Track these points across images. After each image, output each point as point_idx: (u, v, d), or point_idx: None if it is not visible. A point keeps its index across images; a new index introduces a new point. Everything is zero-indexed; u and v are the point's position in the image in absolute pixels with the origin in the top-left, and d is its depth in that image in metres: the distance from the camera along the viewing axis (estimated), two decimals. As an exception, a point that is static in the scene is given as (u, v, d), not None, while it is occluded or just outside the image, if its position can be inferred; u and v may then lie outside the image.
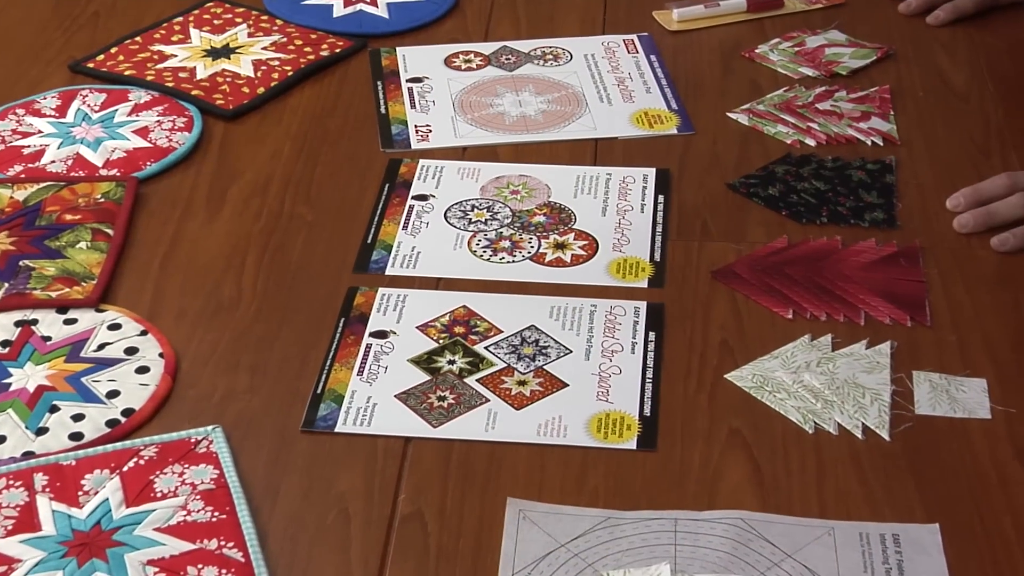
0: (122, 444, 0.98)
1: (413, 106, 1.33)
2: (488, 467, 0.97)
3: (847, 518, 0.93)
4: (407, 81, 1.37)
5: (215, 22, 1.46)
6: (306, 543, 0.92)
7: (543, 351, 1.06)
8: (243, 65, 1.39)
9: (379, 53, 1.42)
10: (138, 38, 1.44)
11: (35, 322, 1.08)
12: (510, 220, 1.19)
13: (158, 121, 1.31)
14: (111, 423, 1.00)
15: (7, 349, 1.06)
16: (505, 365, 1.05)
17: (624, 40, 1.43)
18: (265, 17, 1.47)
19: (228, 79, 1.37)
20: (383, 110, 1.33)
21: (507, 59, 1.40)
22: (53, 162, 1.26)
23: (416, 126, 1.30)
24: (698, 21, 1.46)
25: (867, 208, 1.20)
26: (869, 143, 1.28)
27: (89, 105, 1.33)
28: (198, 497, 0.94)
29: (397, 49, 1.42)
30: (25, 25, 1.48)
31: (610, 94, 1.34)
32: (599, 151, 1.27)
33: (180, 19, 1.47)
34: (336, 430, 1.00)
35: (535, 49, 1.42)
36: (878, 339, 1.07)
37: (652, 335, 1.07)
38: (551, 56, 1.41)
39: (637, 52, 1.41)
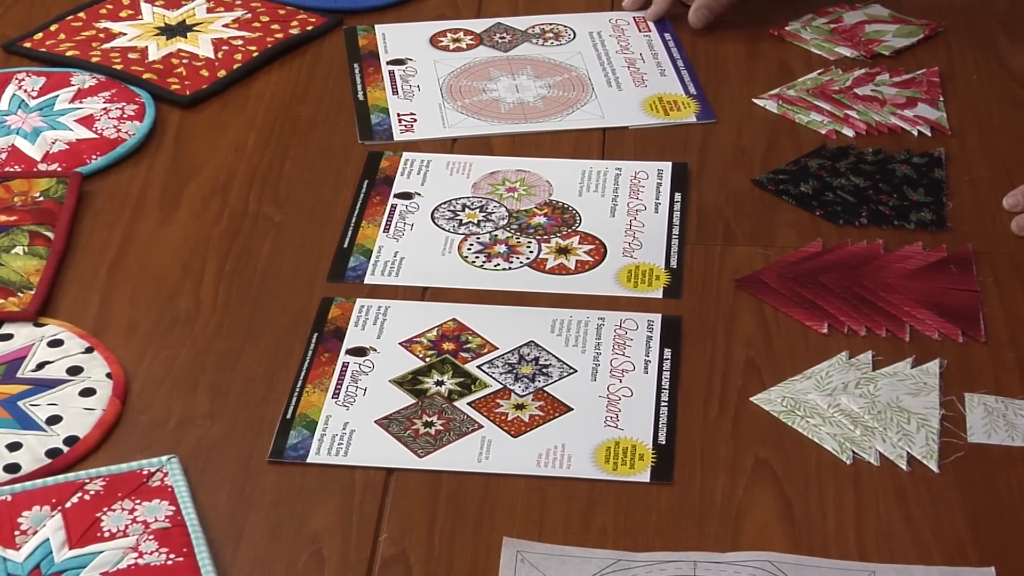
0: (64, 477, 0.99)
1: (395, 92, 1.34)
2: (481, 503, 0.98)
3: (890, 561, 0.94)
4: (388, 63, 1.38)
5: (170, -4, 1.48)
6: (274, 590, 0.93)
7: (544, 371, 1.07)
8: (202, 45, 1.40)
9: (355, 32, 1.43)
10: (81, 14, 1.45)
11: (-35, 338, 1.09)
12: (506, 221, 1.20)
13: (105, 109, 1.32)
14: (52, 453, 1.01)
15: (-67, 369, 1.07)
16: (501, 387, 1.06)
17: (634, 16, 1.44)
18: (227, -10, 1.49)
19: (184, 61, 1.38)
20: (361, 96, 1.34)
21: (501, 38, 1.41)
22: (-15, 155, 1.27)
23: (399, 115, 1.31)
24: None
25: (913, 207, 1.21)
26: (915, 133, 1.29)
27: (26, 90, 1.34)
28: (151, 537, 0.94)
29: (376, 27, 1.43)
30: (-48, -1, 1.49)
31: (619, 77, 1.35)
32: (607, 143, 1.29)
33: (130, -8, 1.48)
34: (308, 460, 1.01)
35: (533, 27, 1.43)
36: (925, 357, 1.08)
37: (668, 352, 1.08)
38: (551, 34, 1.42)
39: (649, 30, 1.42)
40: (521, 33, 1.42)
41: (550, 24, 1.44)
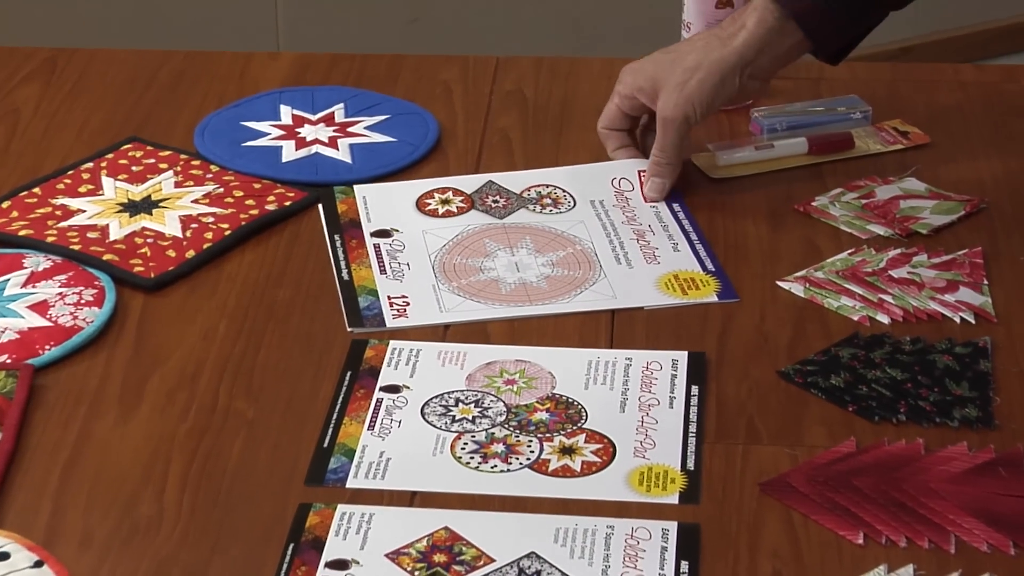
0: None
1: (383, 271, 1.37)
2: None
3: None
4: (372, 235, 1.42)
5: (134, 168, 1.52)
6: None
7: (546, 586, 1.08)
8: (168, 222, 1.44)
9: (333, 195, 1.46)
10: (36, 189, 1.49)
11: (-100, 549, 1.09)
12: (504, 418, 1.23)
13: (60, 294, 1.35)
14: None
15: None
16: (498, 604, 1.07)
17: (639, 172, 1.48)
18: (197, 162, 1.54)
19: (149, 240, 1.42)
20: (346, 275, 1.37)
21: (495, 202, 1.45)
22: (-73, 345, 1.29)
23: (390, 297, 1.34)
24: (746, 167, 1.52)
25: (956, 403, 1.23)
26: (957, 320, 1.32)
27: (-27, 273, 1.37)
28: None
29: (356, 189, 1.47)
30: None
31: (628, 252, 1.39)
32: (616, 328, 1.32)
33: (90, 165, 1.52)
34: None
35: (528, 189, 1.47)
36: (973, 571, 1.09)
37: (685, 565, 1.09)
38: (549, 200, 1.45)
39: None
40: (516, 197, 1.45)
41: (547, 187, 1.47)
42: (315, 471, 1.18)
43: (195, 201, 1.47)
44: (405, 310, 1.32)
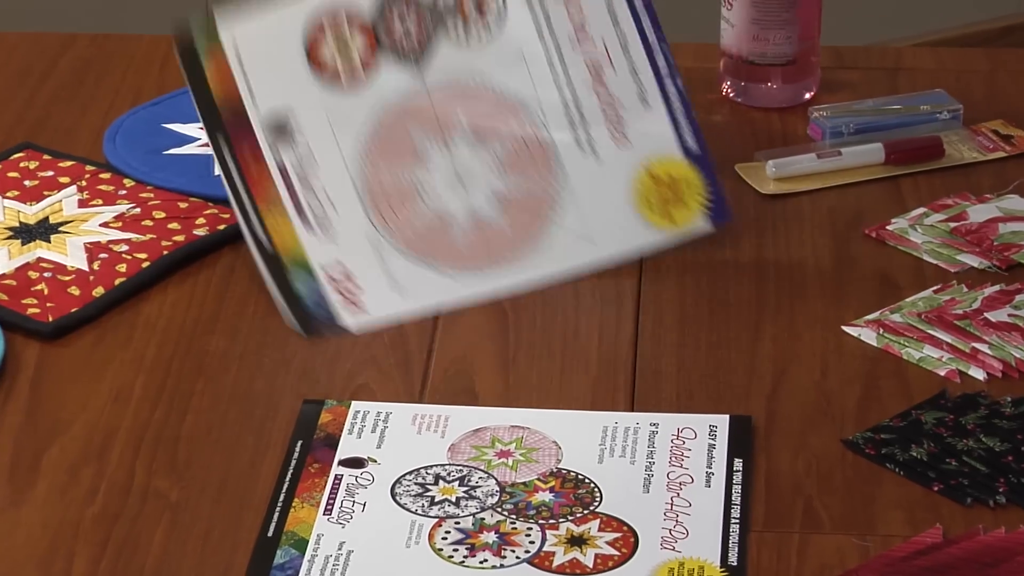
0: None
1: (300, 210, 1.27)
2: None
3: None
4: (265, 133, 1.29)
5: (27, 183, 1.53)
6: None
7: None
8: (71, 252, 1.45)
9: (193, 47, 1.29)
10: (-96, 209, 1.50)
11: None
12: (497, 499, 1.23)
13: (-66, 342, 1.35)
14: None
15: None
16: None
17: None
18: (107, 175, 1.54)
19: (47, 275, 1.42)
20: (260, 232, 1.29)
21: (406, 30, 1.30)
22: None
23: (328, 275, 1.29)
24: (805, 180, 1.53)
25: (1070, 480, 1.24)
26: (1071, 375, 1.33)
27: None
28: None
29: (220, 30, 1.28)
30: None
31: (587, 118, 1.30)
32: (638, 384, 1.33)
33: (-30, 179, 1.53)
34: None
35: None
36: None
37: None
38: (472, 4, 1.30)
39: None
40: (429, 8, 1.30)
41: None
42: (257, 567, 1.18)
43: (104, 225, 1.48)
44: (356, 297, 1.29)
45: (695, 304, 1.42)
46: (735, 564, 1.18)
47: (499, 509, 1.22)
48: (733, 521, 1.21)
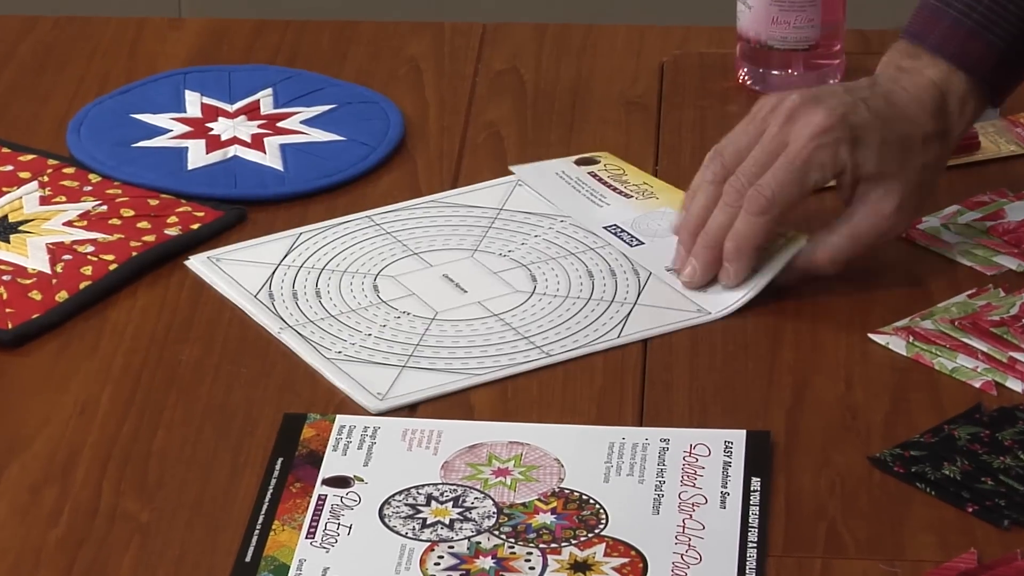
0: None
1: None
2: None
3: None
4: None
5: (-17, 178, 1.53)
6: None
7: None
8: (32, 253, 1.45)
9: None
10: None
11: None
12: (494, 521, 1.23)
13: None
14: None
15: None
16: None
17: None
18: (70, 170, 1.54)
19: (6, 278, 1.42)
20: None
21: None
22: None
23: None
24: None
25: (1116, 500, 1.24)
26: (1118, 386, 1.33)
27: None
28: None
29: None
30: None
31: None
32: (647, 397, 1.33)
33: (-78, 173, 1.54)
34: None
35: None
36: None
37: None
38: None
39: None
40: None
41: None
42: (233, 595, 1.19)
43: (68, 224, 1.48)
44: None
45: (709, 309, 1.42)
46: (753, 592, 1.19)
47: (496, 532, 1.22)
48: (750, 545, 1.21)
